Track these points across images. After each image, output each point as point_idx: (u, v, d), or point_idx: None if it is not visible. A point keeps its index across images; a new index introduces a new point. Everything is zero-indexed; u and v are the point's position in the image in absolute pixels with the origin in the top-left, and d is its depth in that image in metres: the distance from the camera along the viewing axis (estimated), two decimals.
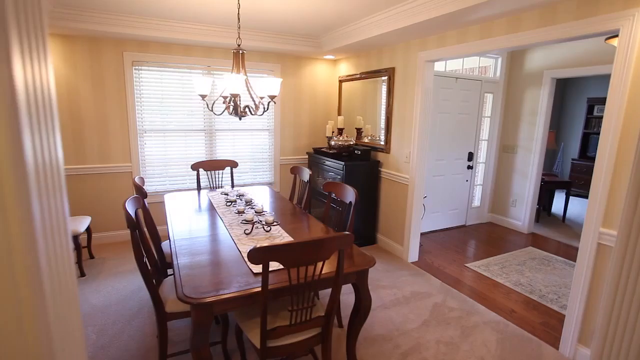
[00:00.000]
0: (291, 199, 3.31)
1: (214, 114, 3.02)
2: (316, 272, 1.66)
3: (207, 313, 1.56)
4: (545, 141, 4.55)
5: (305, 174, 3.12)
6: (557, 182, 5.32)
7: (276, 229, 2.37)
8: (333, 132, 4.48)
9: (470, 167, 4.83)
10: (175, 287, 1.67)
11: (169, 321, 2.06)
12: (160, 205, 4.21)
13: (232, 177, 3.71)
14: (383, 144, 4.09)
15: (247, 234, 2.25)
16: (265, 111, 2.50)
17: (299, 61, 4.78)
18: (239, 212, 2.59)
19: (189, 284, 1.63)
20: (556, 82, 4.43)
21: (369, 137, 4.39)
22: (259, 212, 2.55)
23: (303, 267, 1.58)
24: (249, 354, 2.23)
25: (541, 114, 4.47)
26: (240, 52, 2.46)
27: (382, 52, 4.02)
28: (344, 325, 2.61)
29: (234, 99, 2.37)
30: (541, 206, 5.24)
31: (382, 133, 4.12)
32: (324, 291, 2.99)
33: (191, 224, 2.46)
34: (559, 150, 7.70)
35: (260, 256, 1.46)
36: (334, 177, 4.11)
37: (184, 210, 2.77)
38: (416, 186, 3.64)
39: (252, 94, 2.55)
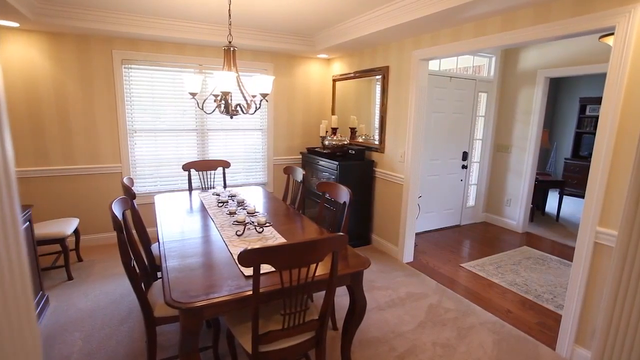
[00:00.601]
0: (285, 199, 3.25)
1: (205, 112, 2.96)
2: (309, 275, 1.61)
3: (196, 318, 1.51)
4: (539, 140, 4.55)
5: (299, 174, 3.07)
6: (551, 181, 5.33)
7: (269, 230, 2.31)
8: (327, 132, 4.43)
9: (464, 167, 4.82)
10: (163, 291, 1.61)
11: (158, 326, 2.00)
12: (151, 206, 4.13)
13: (224, 178, 3.65)
14: (377, 143, 4.05)
15: (239, 235, 2.19)
16: (257, 109, 2.45)
17: (293, 60, 4.73)
18: (230, 213, 2.53)
19: (177, 288, 1.57)
20: (549, 82, 4.43)
21: (363, 137, 4.35)
22: (251, 212, 2.49)
23: (296, 269, 1.53)
24: (240, 359, 2.17)
25: (535, 113, 4.47)
26: (232, 49, 2.40)
27: (376, 51, 3.99)
28: (338, 327, 2.56)
29: (224, 97, 2.31)
30: (535, 205, 5.25)
31: (376, 132, 4.08)
32: (318, 293, 2.94)
33: (181, 226, 2.39)
34: (552, 150, 7.73)
35: (251, 258, 1.40)
36: (328, 177, 4.06)
37: (174, 212, 2.71)
38: (411, 186, 3.61)
39: (244, 92, 2.49)
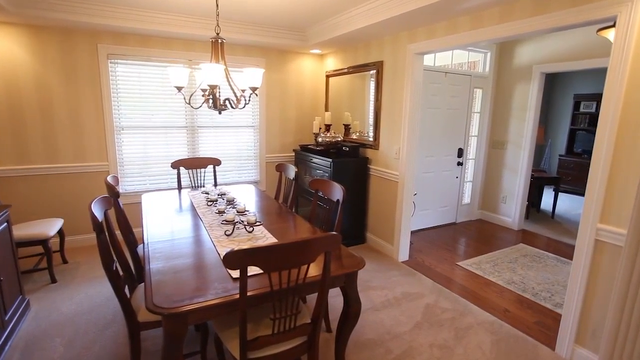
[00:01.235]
0: (277, 197, 3.16)
1: (192, 107, 2.86)
2: (301, 276, 1.52)
3: (180, 324, 1.41)
4: (534, 137, 4.50)
5: (291, 172, 2.98)
6: (546, 178, 5.29)
7: (259, 229, 2.22)
8: (320, 129, 4.34)
9: (460, 164, 4.76)
10: (144, 296, 1.51)
11: (143, 331, 1.90)
12: (139, 206, 4.01)
13: (215, 176, 3.54)
14: (372, 140, 3.97)
15: (228, 235, 2.10)
16: (247, 104, 2.35)
17: (285, 55, 4.63)
18: (219, 212, 2.43)
19: (160, 292, 1.47)
20: (545, 78, 4.38)
21: (357, 134, 4.26)
22: (241, 211, 2.40)
23: (286, 271, 1.44)
24: None
25: (530, 109, 4.42)
26: (220, 41, 2.30)
27: (370, 46, 3.90)
28: (332, 329, 2.48)
29: (212, 90, 2.21)
30: (530, 202, 5.21)
31: (370, 129, 4.00)
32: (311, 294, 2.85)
33: (168, 226, 2.29)
34: (546, 146, 7.72)
35: (237, 260, 1.31)
36: (322, 175, 3.97)
37: (161, 211, 2.60)
38: (406, 183, 3.53)
39: (233, 86, 2.40)
